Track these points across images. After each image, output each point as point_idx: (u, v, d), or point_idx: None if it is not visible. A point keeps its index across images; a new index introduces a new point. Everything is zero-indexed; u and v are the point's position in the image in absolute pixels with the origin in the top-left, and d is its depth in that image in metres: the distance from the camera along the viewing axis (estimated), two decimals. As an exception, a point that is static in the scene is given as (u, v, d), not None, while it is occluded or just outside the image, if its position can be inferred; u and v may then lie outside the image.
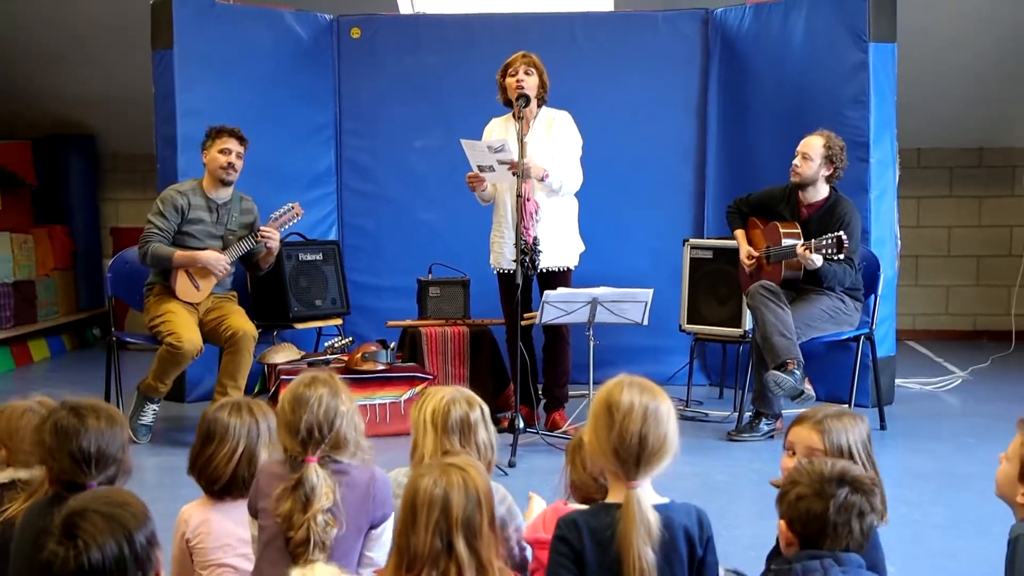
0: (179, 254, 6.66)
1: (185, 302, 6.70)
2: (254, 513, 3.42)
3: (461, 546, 2.91)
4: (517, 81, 6.60)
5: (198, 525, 3.51)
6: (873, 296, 7.15)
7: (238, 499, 3.56)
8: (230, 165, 6.76)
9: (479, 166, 6.60)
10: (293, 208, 6.94)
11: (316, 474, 3.28)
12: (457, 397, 3.69)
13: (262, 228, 6.82)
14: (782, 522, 3.01)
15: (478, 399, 3.74)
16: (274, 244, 6.89)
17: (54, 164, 10.40)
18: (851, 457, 3.46)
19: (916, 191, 10.04)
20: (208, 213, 6.83)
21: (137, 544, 2.54)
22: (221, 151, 6.76)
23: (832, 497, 2.88)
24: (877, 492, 3.00)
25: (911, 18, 7.82)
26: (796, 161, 6.78)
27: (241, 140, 6.83)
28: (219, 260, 6.69)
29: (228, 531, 3.53)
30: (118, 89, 9.55)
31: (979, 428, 6.85)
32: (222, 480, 3.55)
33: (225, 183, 6.84)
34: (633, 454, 2.96)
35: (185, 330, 6.48)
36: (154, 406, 6.68)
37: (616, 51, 8.38)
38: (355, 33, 8.45)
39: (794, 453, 3.44)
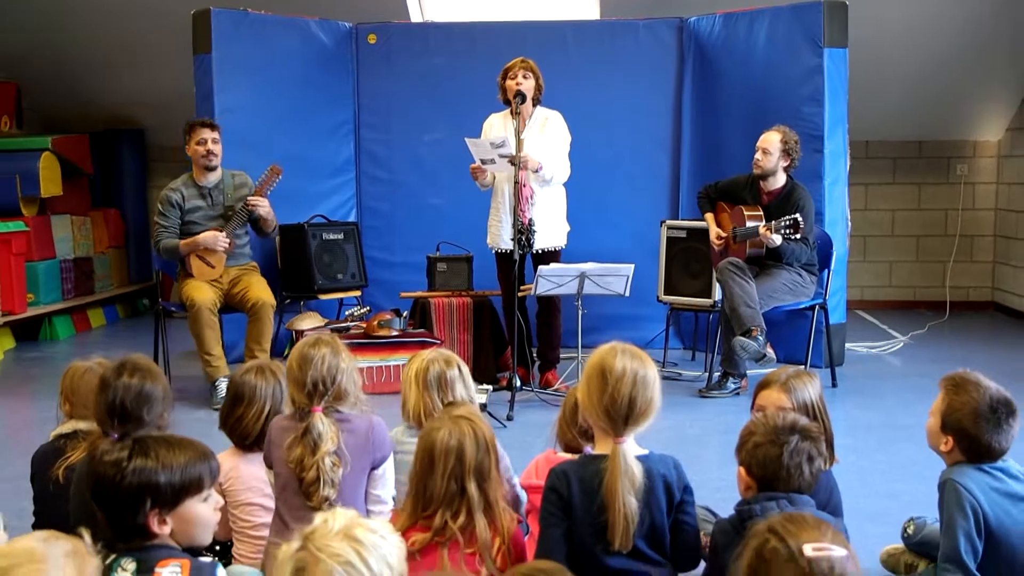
0: (183, 243, 6.72)
1: (207, 280, 6.73)
2: (269, 464, 3.46)
3: (473, 488, 2.96)
4: (516, 84, 6.61)
5: (228, 471, 3.54)
6: (826, 270, 7.17)
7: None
8: (208, 152, 6.77)
9: (482, 160, 6.62)
10: (272, 169, 6.86)
11: (322, 422, 3.33)
12: (436, 357, 3.74)
13: (248, 199, 6.81)
14: (741, 468, 3.03)
15: (457, 359, 3.79)
16: (263, 209, 6.86)
17: (108, 155, 10.39)
18: (812, 410, 3.51)
19: (864, 179, 10.04)
20: (202, 199, 6.84)
21: (162, 487, 2.56)
22: (198, 143, 6.79)
23: (785, 443, 2.91)
24: (823, 439, 3.04)
25: (862, 27, 7.80)
26: (758, 156, 6.81)
27: (212, 127, 6.85)
28: (215, 238, 6.70)
29: (254, 476, 3.57)
30: (164, 89, 9.53)
31: (918, 386, 6.85)
32: (252, 435, 3.60)
33: (209, 168, 6.83)
34: (623, 414, 2.98)
35: (197, 293, 6.54)
36: (223, 384, 6.60)
37: (602, 55, 8.36)
38: (372, 39, 8.43)
39: (762, 412, 3.45)
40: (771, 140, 6.78)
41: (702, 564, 3.27)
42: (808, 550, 1.95)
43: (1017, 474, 3.33)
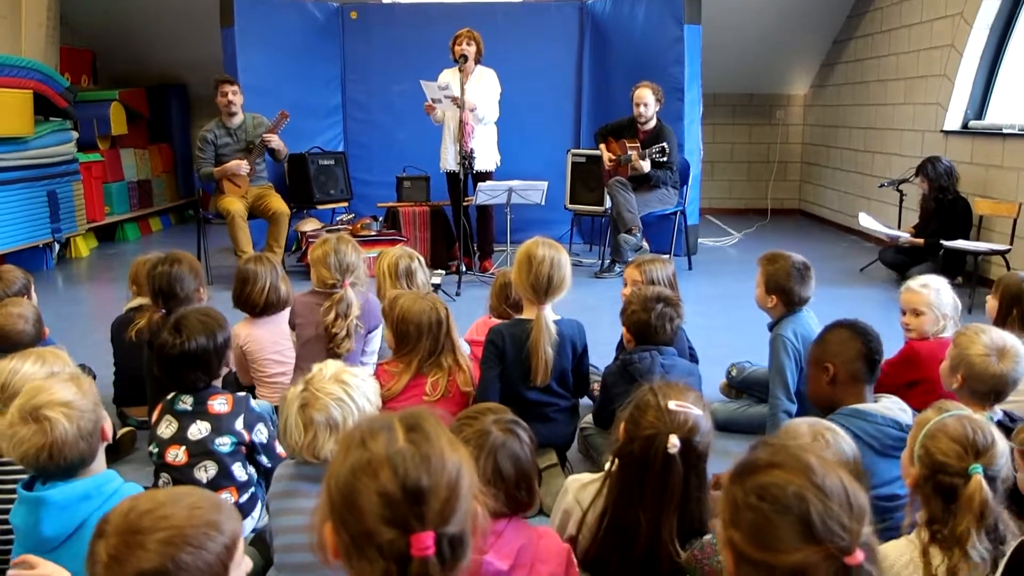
0: (216, 170, 6.54)
1: (236, 196, 6.54)
2: (293, 327, 3.40)
3: (428, 338, 2.99)
4: (461, 49, 6.47)
5: (247, 336, 3.48)
6: (685, 186, 7.13)
7: (271, 315, 3.52)
8: (229, 103, 6.53)
9: (432, 99, 6.46)
10: (281, 114, 6.60)
11: (351, 294, 3.34)
12: (401, 254, 3.72)
13: (264, 135, 6.57)
14: (624, 329, 3.07)
15: (416, 253, 3.80)
16: (274, 144, 6.62)
17: (160, 103, 9.97)
18: (658, 283, 3.50)
19: (712, 120, 9.95)
20: (229, 137, 6.60)
21: (217, 341, 2.63)
22: (221, 95, 6.54)
23: (653, 310, 2.97)
24: (681, 305, 3.07)
25: (712, 8, 7.77)
26: (640, 109, 6.75)
27: (231, 83, 6.59)
28: (239, 165, 6.51)
29: (265, 338, 3.53)
30: (202, 54, 9.15)
31: (747, 268, 6.69)
32: (259, 306, 3.56)
33: (231, 114, 6.57)
34: (543, 288, 3.02)
35: (231, 205, 6.38)
36: None
37: (524, 28, 8.14)
38: (353, 15, 8.17)
39: (627, 284, 3.58)
40: (646, 96, 6.74)
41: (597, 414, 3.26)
42: (672, 405, 1.94)
43: (809, 319, 3.38)
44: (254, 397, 3.47)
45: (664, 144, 6.49)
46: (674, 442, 1.88)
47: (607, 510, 1.98)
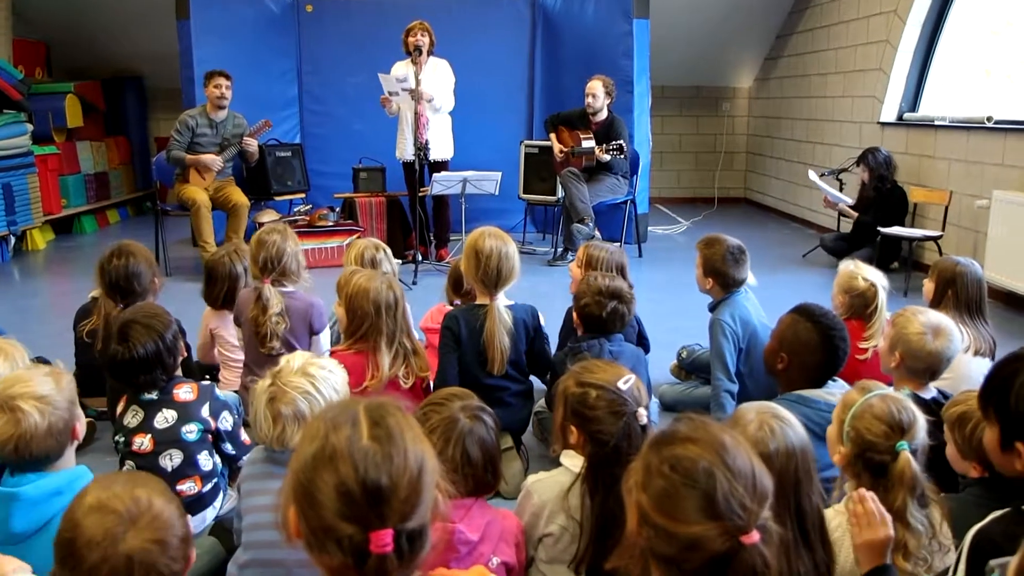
0: (189, 158, 6.40)
1: (199, 187, 6.42)
2: (238, 323, 3.34)
3: (388, 317, 2.88)
4: (415, 41, 6.37)
5: (217, 324, 3.40)
6: (635, 176, 7.15)
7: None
8: (221, 95, 6.41)
9: (389, 92, 6.39)
10: (264, 122, 6.60)
11: (269, 290, 3.24)
12: (368, 245, 3.66)
13: (245, 138, 6.49)
14: (575, 315, 3.07)
15: (382, 244, 3.72)
16: (252, 148, 6.57)
17: (116, 96, 9.69)
18: (607, 269, 3.47)
19: (660, 112, 10.00)
20: (209, 128, 6.48)
21: (167, 340, 2.56)
22: (214, 86, 6.40)
23: (605, 306, 2.97)
24: (633, 300, 3.10)
25: (660, 2, 7.74)
26: (589, 99, 6.78)
27: (227, 77, 6.45)
28: (213, 160, 6.41)
29: (229, 325, 3.45)
30: (157, 46, 8.92)
31: (695, 254, 6.88)
32: (220, 300, 3.50)
33: (220, 107, 6.46)
34: (493, 280, 3.02)
35: (197, 195, 6.29)
36: None
37: (477, 21, 8.05)
38: (309, 8, 8.01)
39: (579, 264, 3.57)
40: (596, 87, 6.76)
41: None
42: (621, 384, 1.96)
43: (746, 302, 3.42)
44: (216, 380, 3.45)
45: (621, 142, 6.54)
46: (643, 412, 1.94)
47: (597, 510, 1.95)
